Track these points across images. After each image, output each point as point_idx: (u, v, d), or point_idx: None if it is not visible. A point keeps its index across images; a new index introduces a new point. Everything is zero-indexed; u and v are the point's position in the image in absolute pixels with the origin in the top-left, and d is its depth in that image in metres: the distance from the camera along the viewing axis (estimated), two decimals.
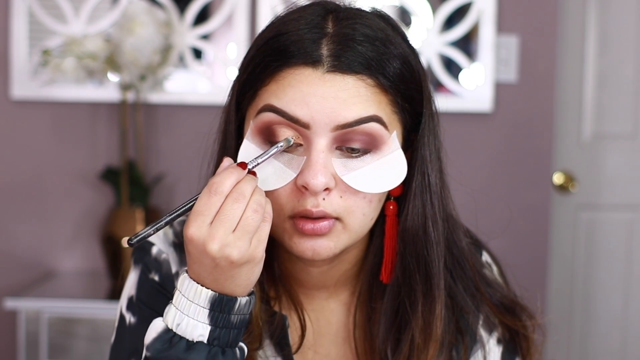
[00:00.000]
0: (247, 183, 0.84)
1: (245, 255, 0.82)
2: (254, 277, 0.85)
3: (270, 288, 1.01)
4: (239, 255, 0.82)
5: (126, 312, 1.01)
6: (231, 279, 0.83)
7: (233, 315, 0.85)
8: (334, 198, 0.89)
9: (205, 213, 0.82)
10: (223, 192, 0.83)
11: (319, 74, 0.87)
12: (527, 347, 1.03)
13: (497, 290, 1.04)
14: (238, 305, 0.85)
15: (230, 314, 0.84)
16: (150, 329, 0.86)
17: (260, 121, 0.89)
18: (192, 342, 0.84)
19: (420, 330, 0.96)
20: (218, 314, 0.84)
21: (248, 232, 0.82)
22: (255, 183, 0.84)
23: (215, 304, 0.84)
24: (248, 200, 0.83)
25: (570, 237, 2.92)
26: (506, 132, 2.55)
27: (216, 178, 0.83)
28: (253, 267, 0.84)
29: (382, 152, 0.90)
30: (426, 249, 0.95)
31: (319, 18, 0.90)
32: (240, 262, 0.82)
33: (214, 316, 0.84)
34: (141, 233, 0.84)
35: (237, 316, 0.85)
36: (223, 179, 0.83)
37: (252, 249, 0.83)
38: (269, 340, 1.00)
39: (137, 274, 1.02)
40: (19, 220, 2.58)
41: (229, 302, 0.84)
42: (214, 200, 0.82)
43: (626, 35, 2.85)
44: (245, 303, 0.85)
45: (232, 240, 0.82)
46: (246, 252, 0.82)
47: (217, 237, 0.82)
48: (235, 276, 0.83)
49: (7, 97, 2.54)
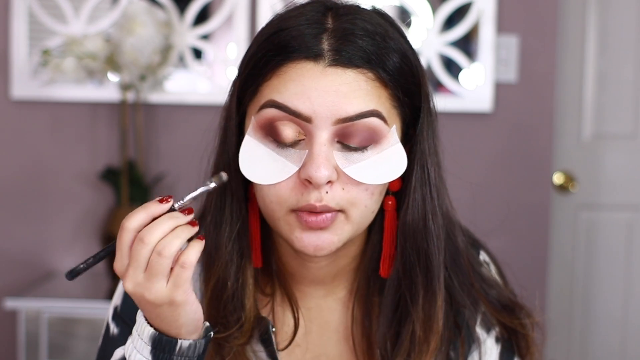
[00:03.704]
0: (157, 224, 0.81)
1: (159, 297, 0.82)
2: (185, 320, 0.84)
3: (266, 284, 1.02)
4: (151, 296, 0.82)
5: (111, 321, 1.03)
6: (158, 318, 0.84)
7: (175, 356, 0.85)
8: (337, 191, 0.89)
9: (121, 248, 0.83)
10: (130, 228, 0.82)
11: (320, 68, 0.88)
12: (525, 346, 1.03)
13: (493, 288, 1.04)
14: (179, 347, 0.85)
15: (172, 354, 0.85)
16: (115, 354, 0.89)
17: (263, 117, 0.90)
18: None
19: (421, 323, 0.96)
20: (160, 353, 0.84)
21: (154, 275, 0.81)
22: (172, 224, 0.82)
23: (155, 342, 0.84)
24: (154, 242, 0.81)
25: (570, 237, 2.92)
26: (506, 132, 2.55)
27: (128, 214, 0.83)
28: (175, 309, 0.83)
29: (382, 146, 0.91)
30: (426, 242, 0.96)
31: (319, 14, 0.91)
32: (156, 302, 0.82)
33: (156, 354, 0.84)
34: (77, 268, 0.83)
35: (180, 358, 0.85)
36: (131, 215, 0.82)
37: (167, 291, 0.82)
38: (259, 335, 1.00)
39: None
40: (19, 220, 2.58)
41: (169, 344, 0.84)
42: (124, 236, 0.82)
43: (626, 35, 2.85)
44: (189, 346, 0.85)
45: (142, 280, 0.82)
46: (160, 293, 0.82)
47: (128, 276, 0.82)
48: (160, 316, 0.83)
49: (7, 97, 2.54)
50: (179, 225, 0.82)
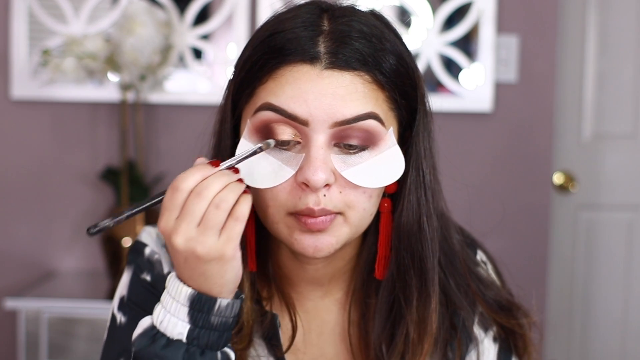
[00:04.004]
0: (213, 179, 0.83)
1: (211, 251, 0.82)
2: (229, 276, 0.84)
3: (263, 288, 1.02)
4: (203, 250, 0.82)
5: (117, 312, 1.02)
6: (203, 276, 0.83)
7: (213, 317, 0.84)
8: (334, 194, 0.89)
9: (170, 208, 0.83)
10: (184, 188, 0.82)
11: (317, 70, 0.88)
12: (523, 346, 1.04)
13: (490, 288, 1.04)
14: (218, 306, 0.84)
15: (210, 314, 0.84)
16: (139, 326, 0.87)
17: (258, 120, 0.90)
18: (172, 339, 0.84)
19: (415, 325, 0.96)
20: (197, 313, 0.84)
21: (210, 227, 0.82)
22: (226, 179, 0.84)
23: (194, 302, 0.84)
24: (211, 196, 0.82)
25: (570, 237, 2.92)
26: (506, 132, 2.55)
27: (181, 175, 0.84)
28: (223, 265, 0.83)
29: (380, 149, 0.90)
30: (421, 244, 0.96)
31: (315, 16, 0.91)
32: (207, 258, 0.82)
33: (193, 315, 0.84)
34: (101, 225, 0.84)
35: (217, 318, 0.85)
36: (187, 175, 0.83)
37: (219, 245, 0.82)
38: (261, 340, 1.00)
39: (129, 274, 1.03)
40: (19, 220, 2.58)
41: (208, 302, 0.84)
42: (177, 196, 0.83)
43: (626, 35, 2.85)
44: (227, 306, 0.85)
45: (195, 234, 0.82)
46: (212, 248, 0.82)
47: (180, 231, 0.82)
48: (206, 273, 0.83)
49: (7, 97, 2.54)
50: (231, 182, 0.84)
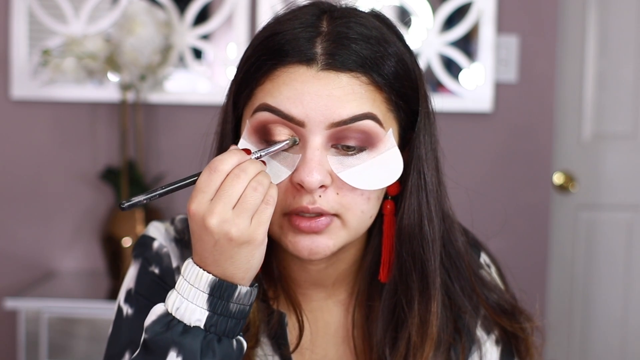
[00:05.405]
0: (251, 163, 0.84)
1: (244, 234, 0.82)
2: (255, 261, 0.85)
3: (269, 288, 1.02)
4: (237, 232, 0.82)
5: (124, 304, 1.02)
6: (230, 260, 0.83)
7: (232, 304, 0.84)
8: (330, 195, 0.89)
9: (205, 190, 0.83)
10: (224, 170, 0.83)
11: (313, 72, 0.88)
12: (525, 350, 1.03)
13: (494, 292, 1.04)
14: (238, 293, 0.84)
15: (229, 301, 0.84)
16: (151, 313, 0.87)
17: (256, 120, 0.90)
18: (189, 326, 0.84)
19: (416, 329, 0.96)
20: (217, 300, 0.84)
21: (247, 209, 0.82)
22: (260, 166, 0.85)
23: (214, 289, 0.84)
24: (249, 178, 0.83)
25: (570, 237, 2.92)
26: (506, 132, 2.55)
27: (218, 157, 0.84)
28: (253, 249, 0.83)
29: (378, 150, 0.90)
30: (422, 247, 0.95)
31: (314, 17, 0.91)
32: (239, 240, 0.82)
33: (212, 302, 0.84)
34: (134, 199, 0.85)
35: (236, 305, 0.85)
36: (225, 158, 0.84)
37: (252, 228, 0.83)
38: (267, 339, 1.00)
39: (136, 267, 1.03)
40: (19, 220, 2.58)
41: (229, 289, 0.84)
42: (214, 177, 0.83)
43: (626, 35, 2.85)
44: (246, 293, 0.85)
45: (230, 216, 0.82)
46: (245, 231, 0.82)
47: (215, 212, 0.82)
48: (234, 257, 0.83)
49: (7, 97, 2.54)
50: (264, 169, 0.85)
